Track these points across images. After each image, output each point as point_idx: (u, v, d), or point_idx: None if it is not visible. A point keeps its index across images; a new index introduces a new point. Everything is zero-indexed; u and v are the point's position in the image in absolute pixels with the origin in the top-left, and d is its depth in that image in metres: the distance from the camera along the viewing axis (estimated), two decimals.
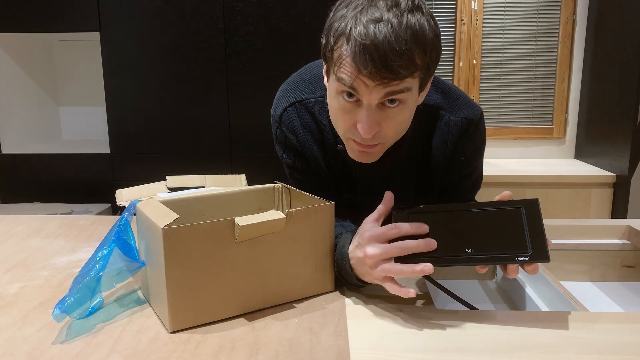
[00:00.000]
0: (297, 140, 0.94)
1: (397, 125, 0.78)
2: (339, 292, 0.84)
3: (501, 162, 2.70)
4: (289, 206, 0.93)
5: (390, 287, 0.73)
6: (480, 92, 2.76)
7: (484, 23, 2.69)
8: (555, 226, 1.21)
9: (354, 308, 0.78)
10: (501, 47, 2.72)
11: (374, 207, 0.95)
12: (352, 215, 0.96)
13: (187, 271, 0.70)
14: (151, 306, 0.78)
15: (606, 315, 0.75)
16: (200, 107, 2.38)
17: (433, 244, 0.72)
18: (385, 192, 0.79)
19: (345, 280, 0.82)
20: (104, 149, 2.50)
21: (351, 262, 0.78)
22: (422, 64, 0.72)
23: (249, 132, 2.39)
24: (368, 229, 0.76)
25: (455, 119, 0.90)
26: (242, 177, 0.97)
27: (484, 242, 0.72)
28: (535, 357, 0.65)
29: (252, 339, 0.69)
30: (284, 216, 0.75)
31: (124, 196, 0.86)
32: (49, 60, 2.81)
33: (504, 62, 2.73)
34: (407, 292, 0.71)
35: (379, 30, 0.68)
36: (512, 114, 2.78)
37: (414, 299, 0.81)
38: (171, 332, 0.70)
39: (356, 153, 0.82)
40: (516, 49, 2.71)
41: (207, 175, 0.94)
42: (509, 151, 2.80)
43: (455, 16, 2.69)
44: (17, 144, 2.60)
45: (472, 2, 2.66)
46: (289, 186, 0.93)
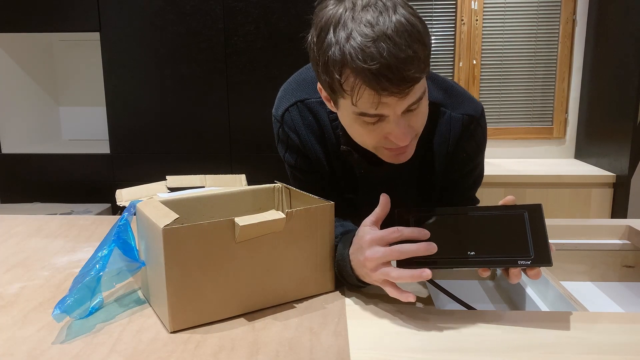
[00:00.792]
0: (299, 140, 0.94)
1: (423, 116, 0.79)
2: (339, 292, 0.84)
3: (501, 162, 2.70)
4: (289, 206, 0.93)
5: (390, 291, 0.73)
6: (480, 92, 2.76)
7: (484, 23, 2.69)
8: (555, 226, 1.21)
9: (354, 308, 0.78)
10: (501, 47, 2.72)
11: (374, 207, 0.95)
12: (353, 215, 0.96)
13: (187, 271, 0.70)
14: (151, 306, 0.78)
15: (606, 315, 0.75)
16: (200, 107, 2.38)
17: (433, 247, 0.71)
18: (381, 195, 0.79)
19: (346, 281, 0.82)
20: (104, 149, 2.50)
21: (352, 263, 0.78)
22: (424, 54, 0.71)
23: (249, 132, 2.39)
24: (368, 231, 0.75)
25: (457, 115, 0.90)
26: (242, 177, 0.97)
27: (486, 246, 0.72)
28: (535, 357, 0.65)
29: (252, 339, 0.69)
30: (283, 216, 0.75)
31: (124, 196, 0.86)
32: (49, 60, 2.81)
33: (504, 62, 2.73)
34: (407, 296, 0.71)
35: (382, 49, 0.66)
36: (512, 114, 2.78)
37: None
38: (171, 332, 0.71)
39: (392, 157, 0.82)
40: (516, 49, 2.71)
41: (207, 175, 0.94)
42: (509, 151, 2.80)
43: (455, 16, 2.69)
44: (17, 144, 2.60)
45: (472, 2, 2.66)
46: (289, 186, 0.93)
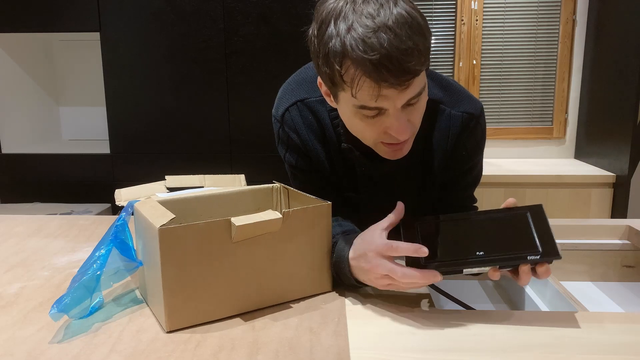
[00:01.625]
0: (299, 140, 0.94)
1: (421, 112, 0.79)
2: (338, 292, 0.84)
3: (501, 162, 2.70)
4: (288, 206, 0.93)
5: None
6: (480, 92, 2.76)
7: (484, 23, 2.69)
8: (555, 226, 1.21)
9: (353, 308, 0.78)
10: (501, 47, 2.72)
11: (375, 205, 0.95)
12: (353, 215, 0.96)
13: (184, 271, 0.70)
14: (148, 306, 0.78)
15: (606, 315, 0.75)
16: (200, 107, 2.38)
17: (437, 276, 0.72)
18: (398, 202, 0.79)
19: (342, 281, 0.82)
20: (104, 149, 2.50)
21: (351, 267, 0.78)
22: (425, 48, 0.71)
23: (249, 132, 2.39)
24: (377, 239, 0.75)
25: (456, 113, 0.90)
26: (241, 177, 0.97)
27: (494, 245, 0.73)
28: (535, 357, 0.65)
29: (252, 339, 0.69)
30: (280, 216, 0.75)
31: (123, 196, 0.86)
32: (49, 60, 2.81)
33: (504, 62, 2.73)
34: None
35: (382, 40, 0.67)
36: (512, 114, 2.78)
37: (414, 299, 0.81)
38: (167, 332, 0.70)
39: (389, 153, 0.82)
40: (516, 49, 2.71)
41: (206, 175, 0.94)
42: (509, 151, 2.80)
43: (455, 16, 2.69)
44: (17, 144, 2.60)
45: (472, 2, 2.66)
46: (287, 186, 0.93)
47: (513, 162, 2.68)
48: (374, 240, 0.75)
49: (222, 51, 2.31)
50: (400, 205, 0.79)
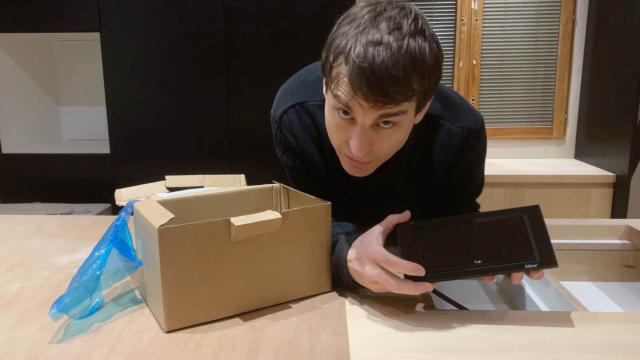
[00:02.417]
0: (296, 143, 0.94)
1: (390, 145, 0.78)
2: (338, 292, 0.84)
3: (501, 162, 2.70)
4: (287, 206, 0.93)
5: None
6: (480, 92, 2.76)
7: (484, 23, 2.69)
8: (555, 226, 1.21)
9: (353, 308, 0.78)
10: (501, 47, 2.72)
11: (371, 212, 0.95)
12: (350, 217, 0.95)
13: (183, 271, 0.70)
14: (148, 306, 0.78)
15: (606, 315, 0.75)
16: (200, 107, 2.38)
17: (430, 288, 0.73)
18: (405, 211, 0.80)
19: (341, 281, 0.82)
20: (104, 149, 2.50)
21: (349, 269, 0.78)
22: (419, 89, 0.71)
23: (249, 132, 2.39)
24: (374, 243, 0.75)
25: (456, 129, 0.89)
26: (241, 177, 0.97)
27: (491, 253, 0.73)
28: (535, 357, 0.65)
29: (252, 339, 0.69)
30: (280, 216, 0.75)
31: (122, 196, 0.86)
32: (49, 60, 2.81)
33: (504, 62, 2.73)
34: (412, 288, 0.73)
35: (378, 54, 0.67)
36: (512, 114, 2.78)
37: (414, 299, 0.81)
38: (167, 332, 0.70)
39: (349, 167, 0.83)
40: (516, 49, 2.71)
41: (206, 175, 0.94)
42: (509, 151, 2.80)
43: (455, 16, 2.69)
44: (17, 144, 2.60)
45: (472, 2, 2.66)
46: (287, 186, 0.93)
47: (513, 162, 2.68)
48: (371, 246, 0.75)
49: (222, 51, 2.31)
50: (407, 214, 0.79)
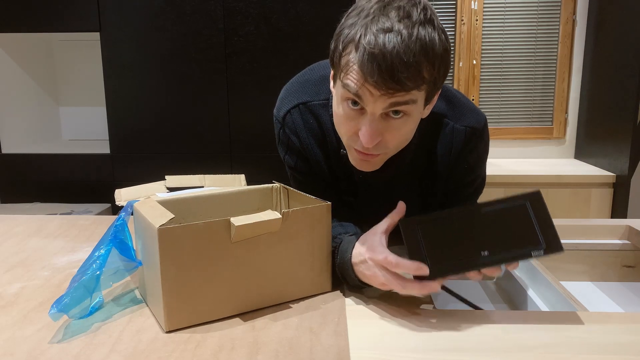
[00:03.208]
0: (299, 143, 0.94)
1: (400, 137, 0.78)
2: (339, 292, 0.84)
3: (501, 162, 2.70)
4: (287, 206, 0.93)
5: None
6: (480, 92, 2.76)
7: (484, 23, 2.69)
8: (556, 226, 1.21)
9: (354, 308, 0.78)
10: (501, 47, 2.72)
11: (374, 211, 0.94)
12: (352, 217, 0.95)
13: (183, 271, 0.70)
14: (148, 306, 0.78)
15: (606, 315, 0.75)
16: (200, 107, 2.38)
17: (437, 288, 0.73)
18: (399, 202, 0.79)
19: (347, 282, 0.82)
20: (104, 149, 2.50)
21: (355, 272, 0.78)
22: (429, 77, 0.71)
23: (249, 132, 2.39)
24: (377, 246, 0.75)
25: (460, 127, 0.89)
26: (242, 177, 0.97)
27: (497, 243, 0.72)
28: (535, 357, 0.65)
29: (252, 339, 0.69)
30: (280, 216, 0.75)
31: (122, 196, 0.86)
32: (49, 60, 2.81)
33: (504, 62, 2.73)
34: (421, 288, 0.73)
35: (389, 40, 0.67)
36: (512, 114, 2.78)
37: (414, 299, 0.81)
38: (167, 332, 0.70)
39: (357, 161, 0.82)
40: (516, 49, 2.71)
41: (206, 175, 0.94)
42: (509, 151, 2.80)
43: (455, 16, 2.69)
44: (17, 144, 2.60)
45: (472, 2, 2.66)
46: (287, 186, 0.93)
47: (513, 162, 2.68)
48: (374, 247, 0.75)
49: (222, 51, 2.31)
50: (402, 205, 0.79)
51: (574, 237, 1.21)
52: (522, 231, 0.72)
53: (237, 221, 0.71)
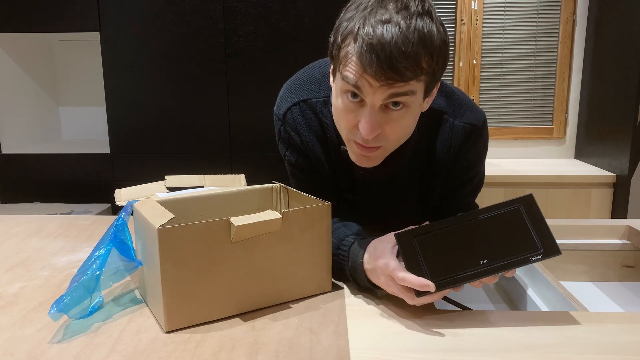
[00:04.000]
0: (300, 140, 0.94)
1: (399, 129, 0.78)
2: (339, 292, 0.84)
3: (501, 162, 2.70)
4: (287, 206, 0.93)
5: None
6: (480, 92, 2.76)
7: (484, 23, 2.69)
8: (555, 226, 1.21)
9: (354, 308, 0.78)
10: (501, 47, 2.72)
11: (374, 208, 0.94)
12: (352, 215, 0.95)
13: (183, 271, 0.70)
14: (148, 306, 0.78)
15: (606, 315, 0.75)
16: (200, 107, 2.38)
17: (440, 296, 0.74)
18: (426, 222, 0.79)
19: (358, 284, 0.83)
20: (104, 149, 2.49)
21: (367, 275, 0.79)
22: (428, 68, 0.72)
23: (249, 132, 2.39)
24: (387, 258, 0.74)
25: (459, 124, 0.89)
26: (241, 177, 0.97)
27: (495, 250, 0.72)
28: (535, 357, 0.65)
29: (252, 339, 0.69)
30: (280, 216, 0.75)
31: (122, 196, 0.86)
32: (49, 60, 2.81)
33: (504, 62, 2.73)
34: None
35: (387, 31, 0.68)
36: (512, 114, 2.78)
37: None
38: (167, 332, 0.70)
39: (357, 156, 0.82)
40: (516, 49, 2.71)
41: (206, 175, 0.94)
42: (509, 151, 2.80)
43: (455, 16, 2.69)
44: (17, 144, 2.59)
45: (472, 2, 2.66)
46: (287, 186, 0.93)
47: (513, 162, 2.68)
48: (383, 257, 0.75)
49: (222, 51, 2.31)
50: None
51: (574, 237, 1.22)
52: (518, 236, 0.72)
53: (237, 221, 0.71)
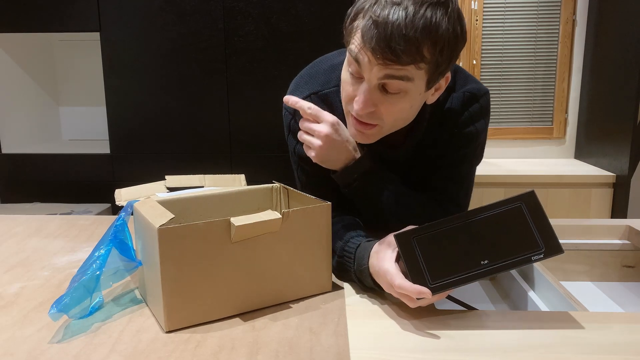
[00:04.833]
0: None
1: (395, 112, 0.79)
2: (339, 292, 0.84)
3: (501, 162, 2.70)
4: (287, 206, 0.93)
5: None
6: None
7: (484, 23, 2.69)
8: (555, 226, 1.20)
9: (354, 308, 0.78)
10: (501, 47, 2.72)
11: None
12: (355, 210, 0.96)
13: (183, 271, 0.70)
14: (148, 306, 0.78)
15: (606, 315, 0.75)
16: (200, 107, 2.38)
17: (443, 296, 0.74)
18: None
19: (364, 285, 0.83)
20: (104, 149, 2.49)
21: (373, 277, 0.79)
22: (429, 57, 0.72)
23: (249, 132, 2.39)
24: (387, 265, 0.74)
25: (458, 94, 0.91)
26: (241, 177, 0.97)
27: (497, 250, 0.71)
28: (535, 357, 0.65)
29: (252, 339, 0.69)
30: (279, 216, 0.75)
31: (122, 196, 0.86)
32: (49, 60, 2.81)
33: (504, 62, 2.73)
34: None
35: (394, 12, 0.69)
36: (512, 114, 2.78)
37: None
38: (167, 332, 0.70)
39: (354, 130, 0.84)
40: (516, 49, 2.71)
41: (206, 175, 0.94)
42: (509, 151, 2.80)
43: None
44: (17, 144, 2.59)
45: (472, 2, 2.66)
46: (287, 186, 0.93)
47: (513, 162, 2.68)
48: (384, 263, 0.74)
49: (222, 51, 2.31)
50: None
51: (574, 237, 1.21)
52: (520, 235, 0.71)
53: (237, 221, 0.71)
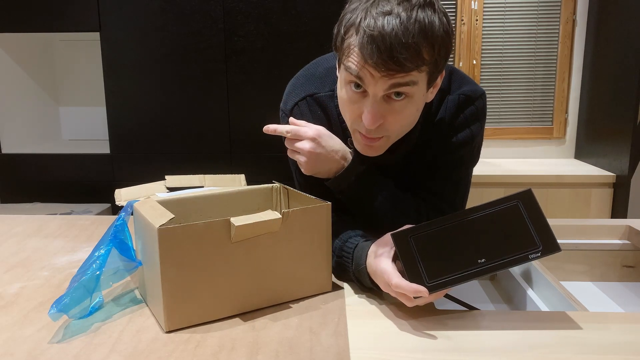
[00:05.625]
0: None
1: (402, 119, 0.79)
2: (339, 292, 0.84)
3: (501, 162, 2.70)
4: (287, 206, 0.93)
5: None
6: None
7: (484, 23, 2.69)
8: (555, 226, 1.21)
9: (354, 308, 0.78)
10: (501, 47, 2.71)
11: None
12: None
13: (183, 271, 0.70)
14: (148, 306, 0.78)
15: (606, 315, 0.75)
16: (200, 107, 2.38)
17: (440, 295, 0.73)
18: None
19: (362, 285, 0.83)
20: (104, 149, 2.49)
21: (370, 277, 0.78)
22: (429, 58, 0.73)
23: (249, 132, 2.39)
24: (383, 265, 0.73)
25: (453, 96, 0.90)
26: (241, 177, 0.97)
27: (494, 249, 0.71)
28: (535, 357, 0.65)
29: (252, 339, 0.69)
30: (279, 216, 0.75)
31: (122, 196, 0.86)
32: (49, 60, 2.81)
33: (504, 62, 2.73)
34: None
35: (387, 23, 0.69)
36: (512, 114, 2.78)
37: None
38: (167, 332, 0.70)
39: (361, 146, 0.84)
40: (516, 49, 2.71)
41: (206, 175, 0.94)
42: (509, 151, 2.80)
43: (455, 16, 2.69)
44: (17, 144, 2.59)
45: (472, 2, 2.66)
46: (287, 186, 0.93)
47: (513, 162, 2.68)
48: (381, 263, 0.74)
49: (222, 51, 2.31)
50: None
51: (574, 237, 1.21)
52: (517, 233, 0.71)
53: (237, 221, 0.71)
